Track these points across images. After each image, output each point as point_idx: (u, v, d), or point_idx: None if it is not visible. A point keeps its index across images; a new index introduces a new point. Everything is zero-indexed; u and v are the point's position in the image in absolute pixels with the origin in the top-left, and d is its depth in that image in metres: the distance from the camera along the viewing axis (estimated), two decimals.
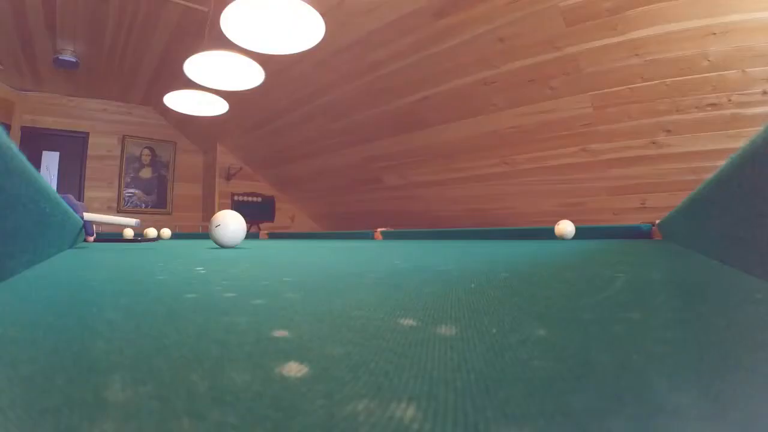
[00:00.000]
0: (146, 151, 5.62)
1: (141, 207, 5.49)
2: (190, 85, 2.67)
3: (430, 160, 3.71)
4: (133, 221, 1.60)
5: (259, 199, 5.59)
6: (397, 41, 2.86)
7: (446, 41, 2.72)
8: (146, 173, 5.60)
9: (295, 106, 4.08)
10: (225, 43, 2.13)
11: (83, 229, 1.45)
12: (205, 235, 3.68)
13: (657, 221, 1.83)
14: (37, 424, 0.09)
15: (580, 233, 1.81)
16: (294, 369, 0.13)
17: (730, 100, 2.21)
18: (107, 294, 0.29)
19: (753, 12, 1.91)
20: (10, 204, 0.34)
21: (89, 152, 5.24)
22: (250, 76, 2.40)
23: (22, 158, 0.38)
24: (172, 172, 5.77)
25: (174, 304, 0.25)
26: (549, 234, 1.89)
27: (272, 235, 3.49)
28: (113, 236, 2.95)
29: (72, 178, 5.07)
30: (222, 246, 1.28)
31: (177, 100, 2.94)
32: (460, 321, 0.20)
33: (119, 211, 5.30)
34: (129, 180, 5.46)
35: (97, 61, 4.18)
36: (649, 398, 0.11)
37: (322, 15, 1.79)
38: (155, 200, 5.62)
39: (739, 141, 2.28)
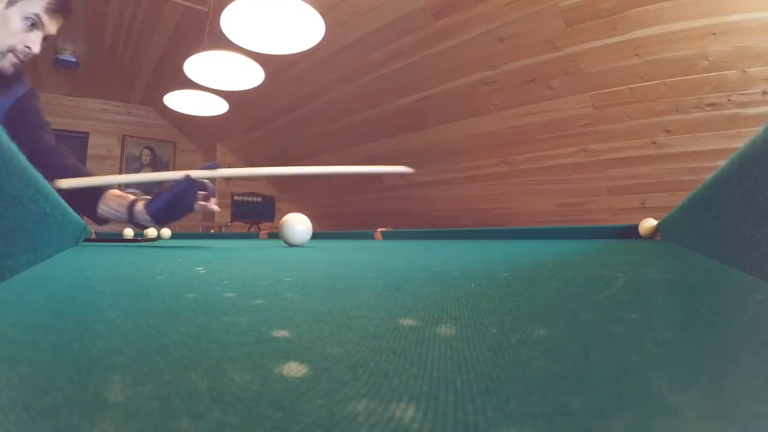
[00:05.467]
0: (146, 151, 5.62)
1: None
2: (190, 85, 2.67)
3: (430, 160, 3.71)
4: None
5: (259, 199, 5.58)
6: (397, 41, 2.86)
7: (446, 41, 2.72)
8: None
9: (295, 106, 4.08)
10: (225, 43, 2.13)
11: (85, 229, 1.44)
12: (205, 235, 3.68)
13: (657, 221, 1.83)
14: (36, 424, 0.09)
15: (580, 233, 1.81)
16: (294, 369, 0.13)
17: (730, 100, 2.21)
18: (107, 294, 0.29)
19: (753, 12, 1.91)
20: (10, 204, 0.34)
21: (89, 152, 5.24)
22: (250, 76, 2.40)
23: (22, 158, 0.38)
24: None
25: (174, 304, 0.25)
26: (549, 234, 1.89)
27: (272, 235, 3.49)
28: (113, 236, 2.95)
29: None
30: (291, 245, 1.25)
31: (177, 100, 2.94)
32: (460, 321, 0.20)
33: None
34: None
35: (97, 61, 4.18)
36: (649, 398, 0.11)
37: (322, 15, 1.79)
38: None
39: (739, 141, 2.28)
